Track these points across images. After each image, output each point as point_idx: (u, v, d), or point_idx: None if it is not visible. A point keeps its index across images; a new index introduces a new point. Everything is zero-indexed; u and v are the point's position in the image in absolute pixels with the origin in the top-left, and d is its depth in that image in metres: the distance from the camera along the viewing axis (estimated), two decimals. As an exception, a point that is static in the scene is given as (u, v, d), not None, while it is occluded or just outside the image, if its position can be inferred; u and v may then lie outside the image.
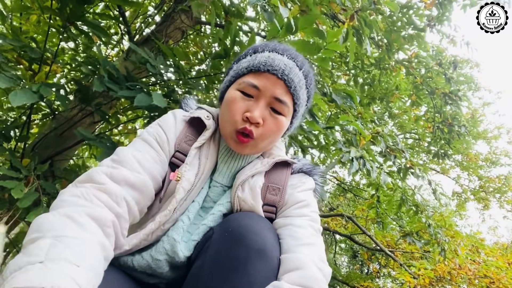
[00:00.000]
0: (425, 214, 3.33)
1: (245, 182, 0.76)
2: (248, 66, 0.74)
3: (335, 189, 7.18)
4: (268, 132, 0.74)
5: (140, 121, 2.91)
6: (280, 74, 0.71)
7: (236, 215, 0.69)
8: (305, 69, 0.77)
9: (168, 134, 0.77)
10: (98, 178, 0.62)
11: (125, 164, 0.67)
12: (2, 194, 1.36)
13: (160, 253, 0.70)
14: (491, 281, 3.53)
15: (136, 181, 0.66)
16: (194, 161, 0.75)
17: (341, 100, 1.99)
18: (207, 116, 0.80)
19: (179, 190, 0.71)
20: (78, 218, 0.52)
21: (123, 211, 0.62)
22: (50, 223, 0.50)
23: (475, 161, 7.44)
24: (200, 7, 1.81)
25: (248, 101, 0.73)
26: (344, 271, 8.48)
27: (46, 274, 0.42)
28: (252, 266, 0.58)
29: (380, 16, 2.80)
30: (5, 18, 1.69)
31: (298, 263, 0.61)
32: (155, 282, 0.74)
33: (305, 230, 0.70)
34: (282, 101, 0.72)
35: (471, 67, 7.13)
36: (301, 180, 0.82)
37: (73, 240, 0.49)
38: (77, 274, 0.44)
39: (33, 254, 0.45)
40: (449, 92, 3.51)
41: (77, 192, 0.58)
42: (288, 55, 0.75)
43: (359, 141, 2.30)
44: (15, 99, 1.07)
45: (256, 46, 0.79)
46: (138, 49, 1.50)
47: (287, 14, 1.15)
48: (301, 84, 0.75)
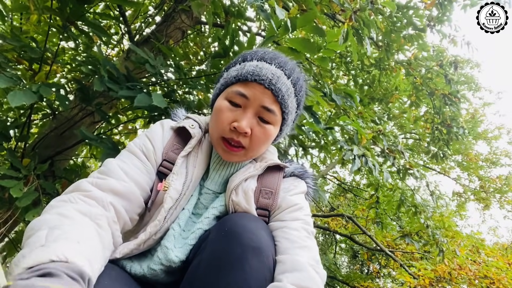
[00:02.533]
0: (424, 215, 3.34)
1: (238, 186, 0.77)
2: (237, 75, 0.74)
3: (336, 189, 7.19)
4: (256, 141, 0.75)
5: (140, 121, 2.91)
6: (267, 83, 0.72)
7: (232, 216, 0.70)
8: (293, 77, 0.77)
9: (154, 144, 0.78)
10: (84, 187, 0.64)
11: (111, 174, 0.69)
12: (2, 193, 1.37)
13: (155, 262, 0.71)
14: (491, 282, 3.53)
15: (122, 190, 0.67)
16: (181, 170, 0.76)
17: (341, 100, 1.99)
18: (192, 125, 0.81)
19: (166, 200, 0.72)
20: (69, 213, 0.55)
21: (111, 215, 0.63)
22: (43, 220, 0.53)
23: (475, 162, 7.44)
24: (200, 7, 1.81)
25: (236, 111, 0.73)
26: (344, 271, 8.48)
27: (49, 250, 0.45)
28: (247, 263, 0.59)
29: (380, 16, 2.80)
30: (4, 18, 1.69)
31: (296, 265, 0.62)
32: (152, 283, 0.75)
33: (300, 233, 0.71)
34: (270, 110, 0.73)
35: (472, 67, 7.14)
36: (293, 184, 0.83)
37: (69, 226, 0.52)
38: (78, 248, 0.48)
39: (33, 242, 0.47)
40: (448, 93, 3.51)
41: (64, 198, 0.61)
42: (276, 64, 0.75)
43: (360, 139, 2.30)
44: (14, 99, 1.06)
45: (245, 54, 0.79)
46: (138, 49, 1.50)
47: (283, 16, 1.15)
48: (289, 93, 0.76)
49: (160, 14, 2.55)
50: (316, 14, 1.33)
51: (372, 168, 2.15)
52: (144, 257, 0.74)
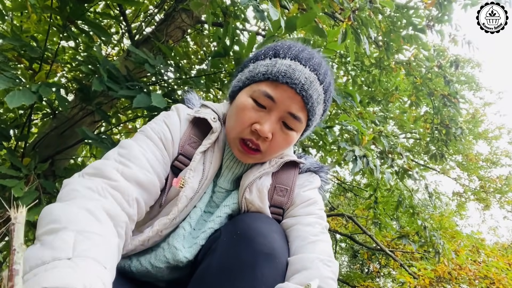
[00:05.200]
0: (421, 216, 3.34)
1: (253, 184, 0.72)
2: (266, 73, 0.67)
3: (336, 189, 7.18)
4: (275, 147, 0.70)
5: (140, 121, 2.92)
6: (299, 89, 0.65)
7: (244, 217, 0.67)
8: (326, 82, 0.70)
9: (173, 134, 0.72)
10: (110, 174, 0.58)
11: (135, 161, 0.63)
12: (2, 193, 1.37)
13: (161, 261, 0.68)
14: (491, 282, 3.53)
15: (145, 181, 0.63)
16: (199, 166, 0.71)
17: (342, 99, 1.98)
18: (214, 118, 0.74)
19: (182, 199, 0.68)
20: (98, 214, 0.50)
21: (134, 212, 0.60)
22: (69, 214, 0.47)
23: (475, 162, 7.43)
24: (199, 7, 1.81)
25: (260, 112, 0.67)
26: (344, 270, 8.48)
27: (76, 273, 0.39)
28: (259, 270, 0.57)
29: (380, 16, 2.80)
30: (4, 17, 1.69)
31: (304, 263, 0.60)
32: (153, 281, 0.73)
33: (313, 227, 0.69)
34: (296, 117, 0.67)
35: (472, 67, 7.13)
36: (308, 180, 0.80)
37: (98, 237, 0.46)
38: (105, 276, 0.43)
39: (58, 248, 0.42)
40: (448, 94, 3.51)
41: (91, 185, 0.55)
42: (310, 66, 0.68)
43: (361, 140, 2.29)
44: (13, 100, 1.04)
45: (277, 49, 0.71)
46: (136, 50, 1.50)
47: (276, 17, 1.14)
48: (320, 100, 0.70)
49: (161, 13, 2.55)
50: (317, 14, 1.33)
51: (374, 169, 2.15)
52: (145, 253, 0.71)
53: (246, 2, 1.12)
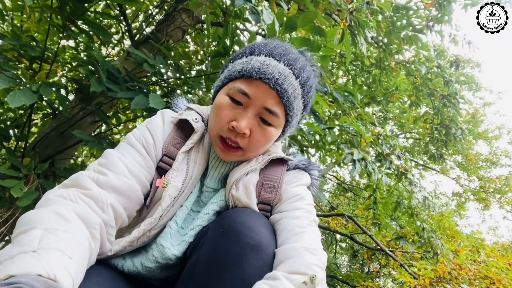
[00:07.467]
0: (419, 217, 3.35)
1: (239, 181, 0.73)
2: (241, 70, 0.68)
3: (335, 189, 7.19)
4: (255, 143, 0.71)
5: (140, 120, 2.92)
6: (272, 83, 0.66)
7: (231, 211, 0.68)
8: (302, 76, 0.71)
9: (155, 137, 0.74)
10: (84, 183, 0.61)
11: (112, 168, 0.65)
12: (2, 193, 1.37)
13: (150, 261, 0.69)
14: (491, 282, 3.53)
15: (122, 187, 0.64)
16: (182, 166, 0.72)
17: (342, 98, 1.98)
18: (195, 119, 0.76)
19: (165, 198, 0.69)
20: (67, 214, 0.52)
21: (109, 218, 0.61)
22: (39, 216, 0.50)
23: (475, 162, 7.43)
24: (198, 7, 1.81)
25: (237, 109, 0.68)
26: (344, 270, 8.48)
27: (40, 262, 0.42)
28: (246, 262, 0.58)
29: (380, 16, 2.80)
30: (4, 17, 1.70)
31: (290, 253, 0.60)
32: (146, 279, 0.74)
33: (300, 220, 0.69)
34: (272, 112, 0.68)
35: (472, 67, 7.13)
36: (297, 176, 0.80)
37: (64, 233, 0.49)
38: (69, 265, 0.45)
39: (25, 243, 0.45)
40: (447, 94, 3.51)
41: (64, 193, 0.57)
42: (285, 61, 0.69)
43: (360, 142, 2.29)
44: (14, 100, 1.05)
45: (253, 47, 0.73)
46: (135, 51, 1.50)
47: (270, 20, 1.14)
48: (296, 94, 0.70)
49: (161, 13, 2.55)
50: (316, 14, 1.33)
51: (372, 172, 2.15)
52: (138, 253, 0.72)
53: (241, 3, 1.12)
